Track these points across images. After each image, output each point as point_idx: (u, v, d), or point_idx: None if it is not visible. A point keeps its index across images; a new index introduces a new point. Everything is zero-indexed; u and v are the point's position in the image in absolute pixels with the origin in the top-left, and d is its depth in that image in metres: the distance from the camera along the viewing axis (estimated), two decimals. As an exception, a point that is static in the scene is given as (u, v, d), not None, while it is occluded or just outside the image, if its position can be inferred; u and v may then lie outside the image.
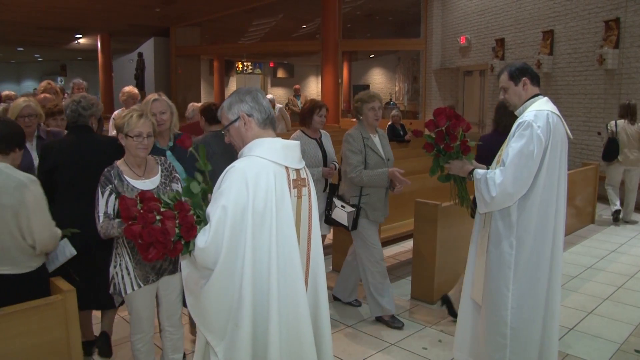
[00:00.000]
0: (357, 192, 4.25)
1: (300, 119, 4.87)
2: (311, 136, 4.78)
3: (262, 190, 2.14)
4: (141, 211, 2.06)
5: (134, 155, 2.99)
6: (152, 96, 3.69)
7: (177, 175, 3.19)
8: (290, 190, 2.24)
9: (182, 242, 2.08)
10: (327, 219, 4.55)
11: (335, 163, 4.85)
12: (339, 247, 5.51)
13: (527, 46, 11.58)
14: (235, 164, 2.18)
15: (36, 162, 3.96)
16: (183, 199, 2.20)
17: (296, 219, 2.28)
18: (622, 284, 5.36)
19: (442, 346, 4.04)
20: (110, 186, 2.92)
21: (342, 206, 4.26)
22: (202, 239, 2.09)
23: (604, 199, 8.58)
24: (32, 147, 4.07)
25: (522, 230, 2.98)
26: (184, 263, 2.29)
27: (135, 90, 6.56)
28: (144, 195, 2.12)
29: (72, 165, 3.46)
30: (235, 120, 2.28)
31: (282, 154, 2.24)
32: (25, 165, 3.92)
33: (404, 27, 20.40)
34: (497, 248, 3.05)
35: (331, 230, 5.09)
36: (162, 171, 3.13)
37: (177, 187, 3.10)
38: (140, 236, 2.02)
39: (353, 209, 4.23)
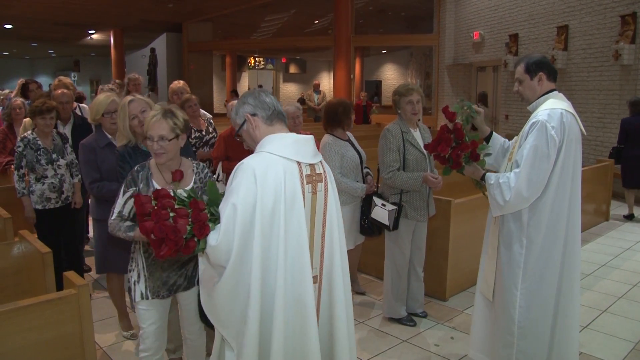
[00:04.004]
0: (397, 189, 4.09)
1: (334, 122, 4.39)
2: (343, 138, 4.45)
3: (271, 187, 2.13)
4: (155, 208, 2.09)
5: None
6: (127, 98, 3.41)
7: None
8: (303, 186, 2.22)
9: (195, 240, 2.10)
10: (363, 229, 4.40)
11: (368, 170, 4.52)
12: (368, 247, 5.16)
13: (541, 41, 11.47)
14: (245, 160, 2.19)
15: None
16: (203, 197, 2.24)
17: (311, 215, 2.27)
18: (637, 282, 5.30)
19: (454, 343, 4.02)
20: (133, 189, 2.75)
21: (383, 204, 4.07)
22: (214, 237, 2.11)
23: (618, 196, 8.50)
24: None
25: (533, 230, 2.96)
26: (200, 259, 2.30)
27: (180, 84, 5.81)
28: (158, 193, 2.14)
29: None
30: (243, 123, 2.32)
31: (293, 149, 2.23)
32: (111, 166, 3.71)
33: (416, 22, 20.29)
34: (509, 248, 3.03)
35: None
36: (195, 182, 2.84)
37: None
38: (152, 232, 2.05)
39: (395, 207, 4.03)
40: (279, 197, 2.14)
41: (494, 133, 3.36)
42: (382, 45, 22.57)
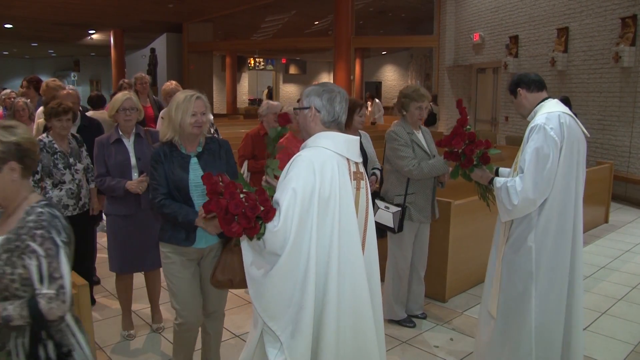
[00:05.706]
0: (402, 190, 4.04)
1: None
2: None
3: (328, 178, 2.26)
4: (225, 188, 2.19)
5: None
6: (193, 93, 3.01)
7: (33, 246, 1.92)
8: (350, 182, 2.37)
9: (260, 223, 2.18)
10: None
11: (376, 170, 4.38)
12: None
13: (541, 43, 11.48)
14: (302, 153, 2.32)
15: (133, 160, 3.84)
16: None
17: (355, 209, 2.39)
18: (637, 284, 5.31)
19: (454, 344, 4.02)
20: None
21: (386, 207, 4.03)
22: (273, 223, 2.19)
23: (618, 197, 8.51)
24: (129, 143, 3.87)
25: (541, 234, 2.96)
26: (245, 250, 2.36)
27: (172, 85, 5.74)
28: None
29: None
30: (305, 108, 2.42)
31: (345, 146, 2.37)
32: (120, 161, 3.81)
33: (416, 24, 20.32)
34: (517, 254, 3.03)
35: None
36: (9, 233, 1.95)
37: (31, 263, 1.90)
38: (227, 208, 2.12)
39: (399, 209, 3.98)
40: (334, 188, 2.27)
41: (500, 168, 3.37)
42: (382, 47, 22.59)
